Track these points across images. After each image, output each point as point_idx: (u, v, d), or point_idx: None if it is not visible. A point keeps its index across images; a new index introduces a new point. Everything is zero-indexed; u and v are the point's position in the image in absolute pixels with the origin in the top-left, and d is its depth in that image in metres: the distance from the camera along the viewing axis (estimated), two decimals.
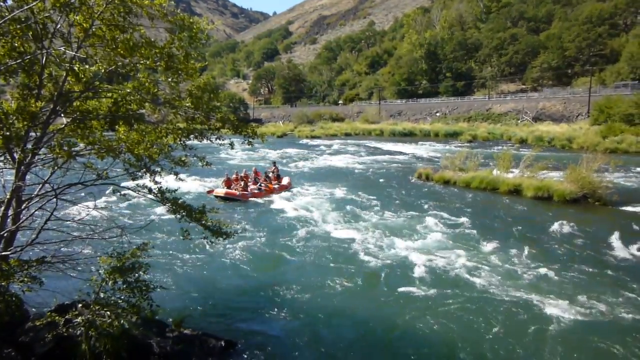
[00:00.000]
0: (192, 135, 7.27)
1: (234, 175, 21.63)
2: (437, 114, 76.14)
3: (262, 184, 21.33)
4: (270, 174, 22.85)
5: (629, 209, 16.94)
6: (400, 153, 40.14)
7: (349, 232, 14.52)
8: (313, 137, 62.75)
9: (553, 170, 22.37)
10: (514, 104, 68.81)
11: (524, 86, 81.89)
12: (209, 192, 20.50)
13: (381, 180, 25.34)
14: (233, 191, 19.82)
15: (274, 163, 24.92)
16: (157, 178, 7.18)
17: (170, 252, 12.45)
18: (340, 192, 21.08)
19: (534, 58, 78.92)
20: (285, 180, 22.93)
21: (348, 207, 17.92)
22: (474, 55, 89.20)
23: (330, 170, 29.29)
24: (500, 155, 23.58)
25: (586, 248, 12.82)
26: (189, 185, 21.41)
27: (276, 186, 21.71)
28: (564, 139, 42.37)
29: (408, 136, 59.72)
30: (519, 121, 62.60)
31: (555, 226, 15.00)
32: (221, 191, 19.89)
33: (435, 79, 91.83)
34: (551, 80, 77.90)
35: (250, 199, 19.77)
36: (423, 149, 43.32)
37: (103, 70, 5.96)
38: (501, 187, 20.39)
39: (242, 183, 20.50)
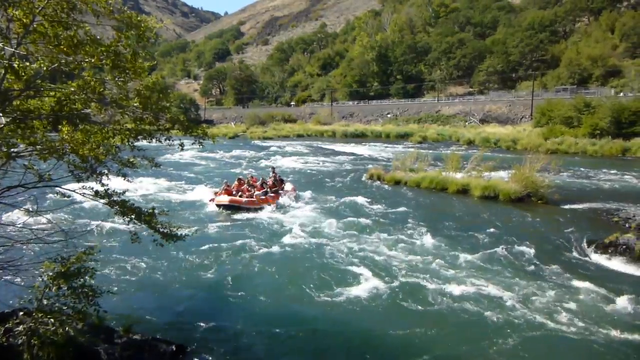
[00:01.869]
0: (140, 136, 7.09)
1: (235, 182, 19.88)
2: (389, 116, 77.35)
3: (268, 190, 19.32)
4: (271, 180, 20.71)
5: (568, 206, 17.75)
6: (352, 154, 40.52)
7: (301, 234, 14.56)
8: (265, 139, 62.42)
9: (499, 171, 23.16)
10: (462, 106, 70.82)
11: (471, 89, 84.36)
12: (212, 200, 18.65)
13: (333, 181, 25.50)
14: (238, 198, 18.03)
15: (273, 169, 23.00)
16: (104, 180, 6.97)
17: (119, 256, 12.10)
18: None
19: (481, 62, 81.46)
20: (288, 186, 21.17)
21: (300, 209, 17.95)
22: (424, 58, 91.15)
23: (283, 172, 29.21)
24: (449, 156, 24.22)
25: (529, 244, 13.31)
26: (139, 187, 20.90)
27: (281, 191, 19.99)
28: (509, 140, 43.89)
29: (360, 137, 60.37)
30: (467, 123, 64.44)
31: (501, 224, 15.58)
32: (224, 199, 18.03)
33: (386, 81, 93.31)
34: (497, 83, 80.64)
35: (256, 205, 17.96)
36: (375, 150, 43.91)
37: (45, 68, 5.73)
38: (450, 187, 20.92)
39: (248, 189, 18.79)
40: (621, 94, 51.84)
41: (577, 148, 37.59)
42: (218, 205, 18.07)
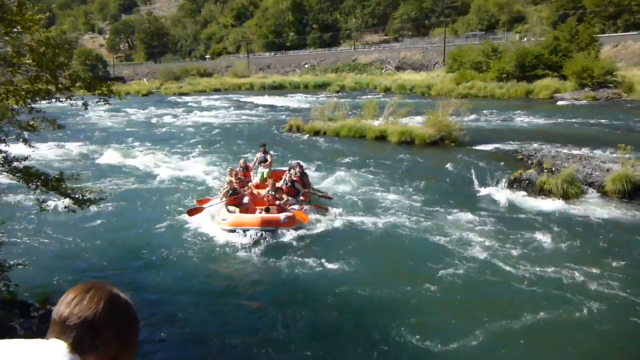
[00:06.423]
0: (38, 97, 6.59)
1: (231, 178, 12.30)
2: (306, 66, 76.91)
3: (302, 190, 12.43)
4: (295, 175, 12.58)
5: (479, 147, 18.66)
6: (272, 106, 40.12)
7: (212, 183, 14.65)
8: (181, 94, 60.16)
9: (415, 116, 23.85)
10: (378, 54, 71.64)
11: (386, 37, 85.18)
12: (192, 211, 11.44)
13: (253, 134, 25.27)
14: (272, 216, 10.84)
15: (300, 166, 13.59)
16: (2, 146, 6.49)
17: (27, 227, 11.42)
18: (212, 148, 20.72)
19: (395, 9, 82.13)
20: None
21: (218, 162, 17.72)
22: (339, 6, 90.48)
23: (201, 128, 28.49)
24: (366, 103, 24.58)
25: (442, 183, 14.22)
26: (47, 152, 19.69)
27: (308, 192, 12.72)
28: (423, 86, 45.04)
29: (278, 89, 59.69)
30: (383, 70, 65.42)
31: (418, 166, 16.40)
32: (250, 220, 10.71)
33: (303, 30, 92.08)
34: (411, 31, 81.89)
35: (298, 224, 10.88)
36: (293, 101, 43.67)
37: None
38: (368, 134, 21.33)
39: (279, 195, 11.64)
40: (525, 39, 54.41)
41: (486, 92, 39.24)
42: (232, 230, 10.58)
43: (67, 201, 7.20)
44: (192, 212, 11.44)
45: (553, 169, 13.42)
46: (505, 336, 6.67)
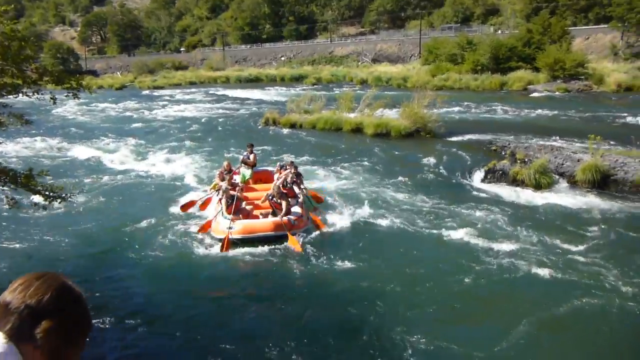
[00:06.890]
0: (4, 91, 6.44)
1: (227, 185, 11.37)
2: (282, 59, 76.59)
3: (302, 190, 11.60)
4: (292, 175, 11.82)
5: (454, 138, 18.85)
6: (248, 99, 39.82)
7: (189, 179, 14.59)
8: (156, 88, 59.21)
9: (391, 108, 23.93)
10: (354, 46, 71.74)
11: (363, 29, 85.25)
12: (187, 206, 11.62)
13: (228, 127, 25.10)
14: (280, 220, 10.02)
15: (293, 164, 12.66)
16: None
17: None
18: (188, 144, 20.52)
19: (371, 2, 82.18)
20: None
21: (195, 157, 17.57)
22: None
23: (176, 122, 28.11)
24: (342, 95, 24.58)
25: (417, 175, 14.35)
26: (18, 149, 19.27)
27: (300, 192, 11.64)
28: (399, 78, 45.21)
29: (254, 82, 59.32)
30: (360, 63, 65.51)
31: (393, 158, 16.49)
32: (260, 225, 10.20)
33: (279, 23, 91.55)
34: (387, 23, 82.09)
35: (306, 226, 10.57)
36: (270, 94, 43.43)
37: None
38: (344, 126, 21.33)
39: (279, 201, 10.54)
40: (499, 32, 55.02)
41: (461, 84, 39.59)
42: (233, 241, 9.76)
43: (37, 198, 7.07)
44: (188, 206, 11.61)
45: (526, 160, 13.65)
46: (505, 332, 6.76)
